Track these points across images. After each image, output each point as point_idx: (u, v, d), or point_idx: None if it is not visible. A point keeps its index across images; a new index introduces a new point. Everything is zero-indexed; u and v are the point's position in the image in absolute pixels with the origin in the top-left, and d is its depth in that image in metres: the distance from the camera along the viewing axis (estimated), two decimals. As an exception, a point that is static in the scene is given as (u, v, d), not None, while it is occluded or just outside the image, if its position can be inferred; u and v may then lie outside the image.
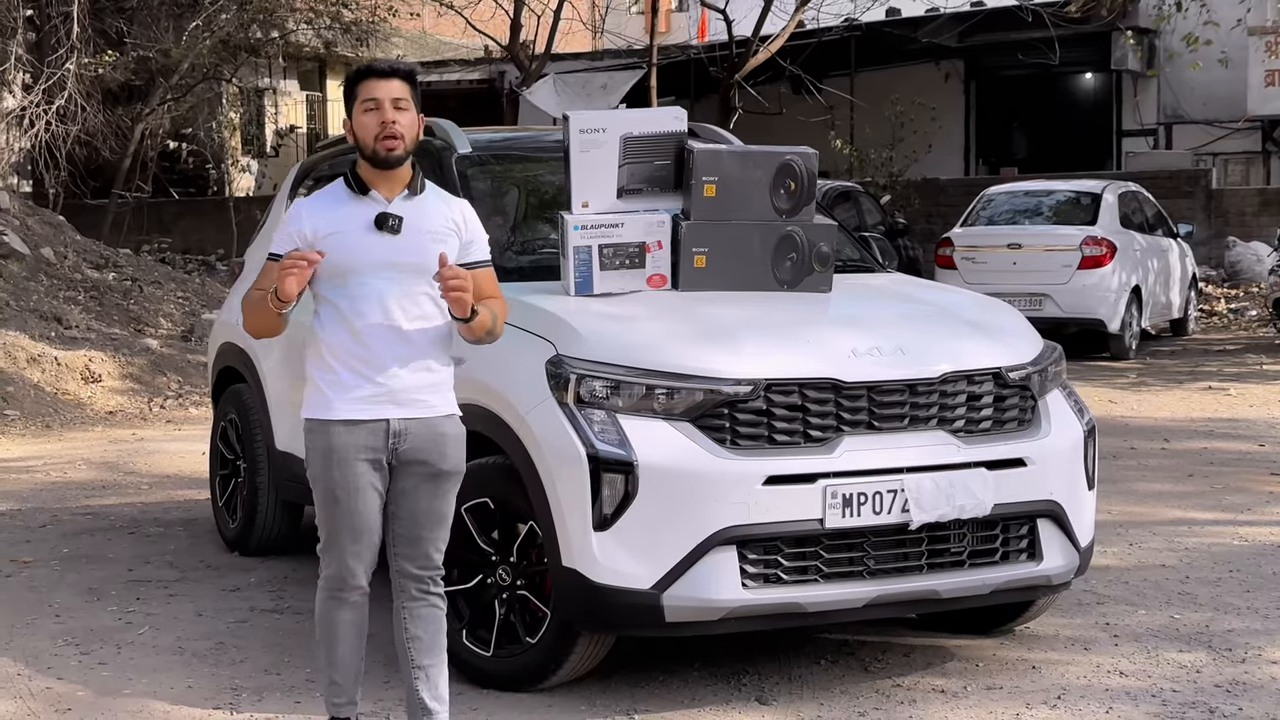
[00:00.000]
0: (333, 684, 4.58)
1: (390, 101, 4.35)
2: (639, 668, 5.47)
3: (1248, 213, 22.38)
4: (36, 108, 19.45)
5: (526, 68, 24.02)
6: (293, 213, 4.47)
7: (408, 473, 4.40)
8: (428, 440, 4.39)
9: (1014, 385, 5.38)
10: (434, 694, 4.52)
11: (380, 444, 4.35)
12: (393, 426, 4.35)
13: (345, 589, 4.47)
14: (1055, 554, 5.36)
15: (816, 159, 5.74)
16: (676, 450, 4.93)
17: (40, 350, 13.15)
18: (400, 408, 4.36)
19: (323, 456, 4.37)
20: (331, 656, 4.54)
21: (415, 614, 4.50)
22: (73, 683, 5.44)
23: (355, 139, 4.41)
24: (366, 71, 4.42)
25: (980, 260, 16.18)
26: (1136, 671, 5.48)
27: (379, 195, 4.39)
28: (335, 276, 4.34)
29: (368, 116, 4.36)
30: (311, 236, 4.34)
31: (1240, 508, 8.33)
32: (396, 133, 4.34)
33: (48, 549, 7.62)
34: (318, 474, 4.40)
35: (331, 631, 4.51)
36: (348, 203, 4.40)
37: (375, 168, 4.39)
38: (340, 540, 4.41)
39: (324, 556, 4.48)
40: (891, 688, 5.33)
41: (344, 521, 4.38)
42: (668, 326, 5.28)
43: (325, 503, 4.41)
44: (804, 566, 5.01)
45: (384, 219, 4.35)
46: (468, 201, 4.65)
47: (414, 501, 4.42)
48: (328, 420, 4.36)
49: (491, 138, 6.81)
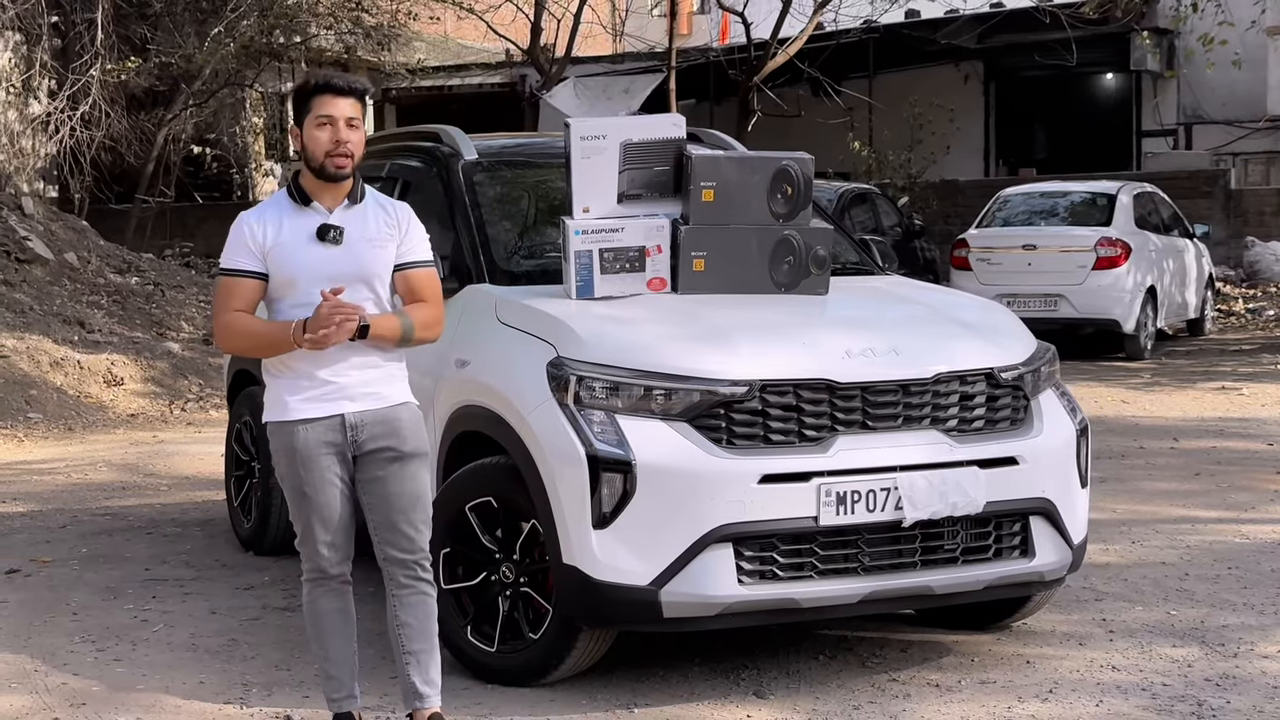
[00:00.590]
0: (330, 678, 4.74)
1: (344, 120, 4.52)
2: (640, 663, 5.59)
3: (1267, 213, 22.39)
4: (61, 113, 19.67)
5: (547, 71, 24.16)
6: (239, 224, 4.59)
7: (372, 461, 4.61)
8: (384, 428, 4.61)
9: (1006, 385, 5.48)
10: (425, 679, 4.68)
11: (339, 438, 4.57)
12: (348, 420, 4.57)
13: (326, 578, 4.68)
14: (1048, 551, 5.45)
15: (812, 164, 5.84)
16: (674, 450, 5.04)
17: (63, 354, 13.34)
18: (354, 402, 4.58)
19: (286, 456, 4.60)
20: (324, 649, 4.72)
21: (404, 601, 4.67)
22: (88, 678, 5.59)
23: (304, 150, 4.56)
24: (324, 87, 4.55)
25: (995, 261, 16.25)
26: (1129, 666, 5.58)
27: (321, 206, 4.58)
28: (282, 286, 4.56)
29: (320, 132, 4.52)
30: (265, 246, 4.53)
31: (1244, 506, 8.40)
32: (348, 151, 4.53)
33: (67, 549, 7.77)
34: (284, 473, 4.64)
35: (320, 622, 4.71)
36: (291, 214, 4.58)
37: (321, 180, 4.56)
38: (314, 532, 4.62)
39: (301, 550, 4.70)
40: (887, 682, 5.43)
41: (314, 514, 4.61)
42: (666, 329, 5.39)
43: (295, 499, 4.63)
44: (799, 563, 5.12)
45: (325, 230, 4.55)
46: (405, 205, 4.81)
47: (384, 486, 4.62)
48: (286, 421, 4.58)
49: (497, 144, 6.93)
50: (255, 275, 4.54)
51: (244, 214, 4.64)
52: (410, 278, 4.67)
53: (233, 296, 4.56)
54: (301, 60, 25.29)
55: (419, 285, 4.68)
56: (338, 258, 4.54)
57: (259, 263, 4.53)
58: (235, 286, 4.55)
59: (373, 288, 4.59)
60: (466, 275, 6.04)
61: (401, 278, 4.68)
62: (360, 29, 23.90)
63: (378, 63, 26.22)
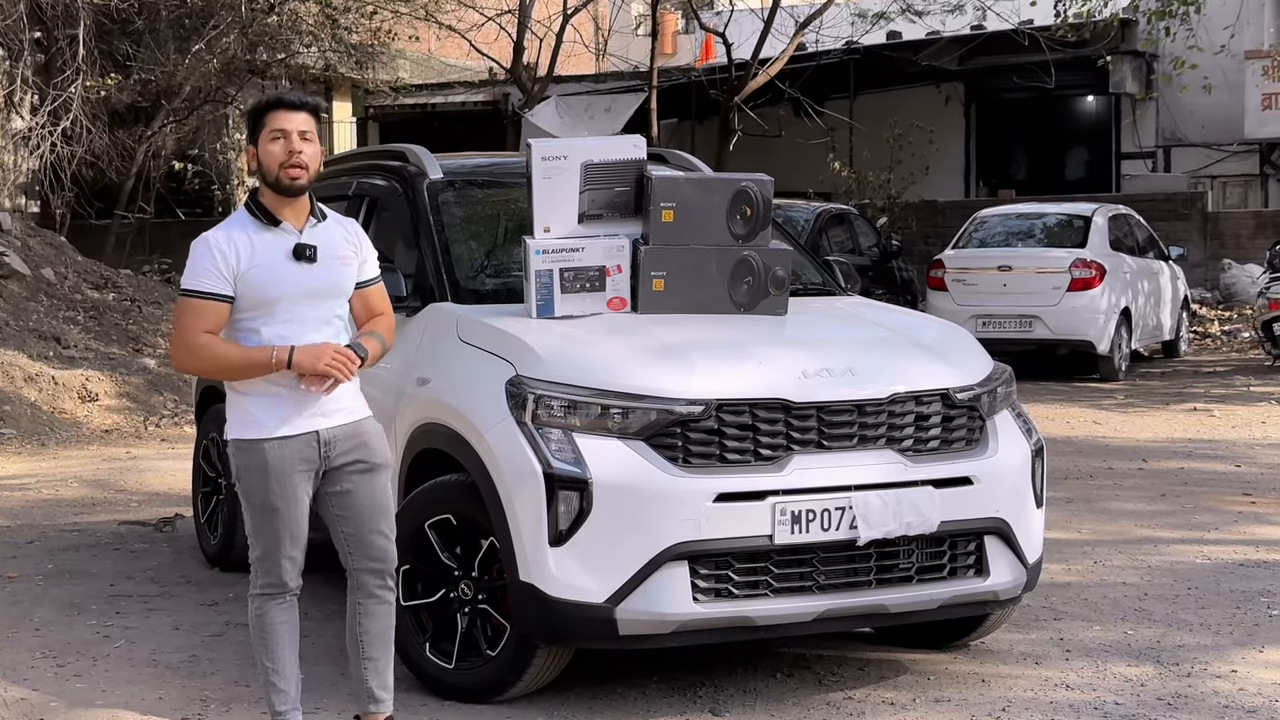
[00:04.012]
0: (277, 690, 4.75)
1: (297, 133, 4.58)
2: (598, 680, 5.62)
3: (1243, 235, 22.51)
4: (43, 129, 19.67)
5: (529, 90, 24.21)
6: (206, 246, 4.57)
7: (343, 474, 4.68)
8: (355, 441, 4.69)
9: (962, 405, 5.52)
10: (381, 684, 4.80)
11: (314, 455, 4.63)
12: (323, 436, 4.64)
13: (285, 592, 4.72)
14: (1003, 570, 5.50)
15: (772, 186, 5.88)
16: (630, 468, 5.08)
17: (38, 369, 13.35)
18: (327, 418, 4.65)
19: (258, 473, 4.62)
20: (275, 660, 4.74)
21: (368, 610, 4.76)
22: (47, 694, 5.60)
23: (260, 166, 4.61)
24: (276, 103, 4.63)
25: (971, 282, 16.33)
26: (1083, 685, 5.62)
27: (289, 225, 4.62)
28: (258, 306, 4.58)
29: (275, 145, 4.58)
30: (237, 269, 4.54)
31: (1208, 527, 8.46)
32: (302, 163, 4.58)
33: (33, 564, 7.78)
34: (253, 489, 4.65)
35: (272, 635, 4.73)
36: (261, 234, 4.61)
37: (278, 194, 4.61)
38: (281, 548, 4.66)
39: (259, 565, 4.72)
40: (843, 699, 5.47)
41: (284, 529, 4.64)
42: (624, 348, 5.43)
43: (262, 514, 4.65)
44: (754, 581, 5.15)
45: (301, 250, 4.61)
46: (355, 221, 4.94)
47: (355, 499, 4.70)
48: (259, 439, 4.61)
49: (462, 163, 6.97)
50: (224, 299, 4.56)
51: (208, 235, 4.62)
52: (369, 295, 4.82)
53: (201, 319, 4.56)
54: (283, 77, 25.32)
55: (376, 301, 4.85)
56: (315, 275, 4.61)
57: (229, 286, 4.54)
58: (203, 309, 4.55)
59: (341, 304, 4.70)
60: (429, 294, 6.08)
61: (361, 295, 4.79)
62: (342, 47, 23.94)
63: (360, 80, 26.28)
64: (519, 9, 23.37)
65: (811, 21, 22.76)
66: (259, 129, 4.60)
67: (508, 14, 23.66)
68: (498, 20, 23.65)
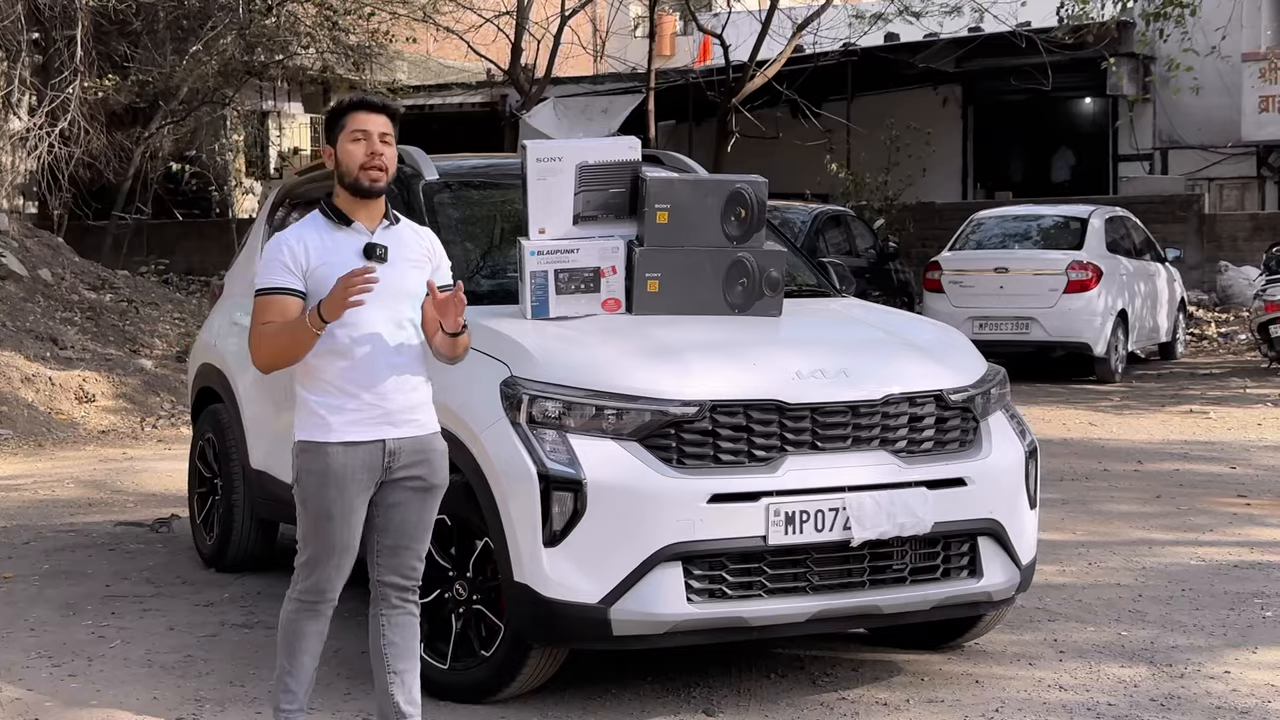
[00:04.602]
0: (288, 691, 4.68)
1: (378, 135, 4.53)
2: (592, 680, 5.63)
3: (1240, 237, 22.53)
4: (41, 130, 19.68)
5: (527, 91, 24.22)
6: (277, 244, 4.53)
7: (399, 487, 4.57)
8: (419, 456, 4.57)
9: (955, 407, 5.54)
10: (408, 698, 4.69)
11: (378, 464, 4.51)
12: (389, 446, 4.51)
13: (323, 601, 4.62)
14: (996, 571, 5.51)
15: (766, 187, 5.90)
16: (624, 469, 5.09)
17: (35, 370, 13.35)
18: (395, 428, 4.53)
19: (319, 478, 4.48)
20: (294, 665, 4.66)
21: (393, 621, 4.66)
22: (41, 693, 5.61)
23: (338, 166, 4.55)
24: (359, 104, 4.58)
25: (968, 284, 16.35)
26: (1076, 686, 5.63)
27: (362, 226, 4.56)
28: None
29: (355, 146, 4.52)
30: (306, 265, 4.47)
31: (1202, 528, 8.47)
32: (382, 164, 4.53)
33: (29, 565, 7.79)
34: (311, 494, 4.51)
35: (299, 641, 4.64)
36: (333, 233, 4.54)
37: (356, 197, 4.54)
38: (331, 556, 4.54)
39: (304, 570, 4.59)
40: (836, 700, 5.48)
41: (337, 539, 4.52)
42: (618, 349, 5.45)
43: (317, 521, 4.52)
44: (748, 582, 5.17)
45: (372, 249, 4.52)
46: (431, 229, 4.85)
47: (403, 514, 4.59)
48: (326, 443, 4.48)
49: (458, 165, 6.98)
50: (295, 293, 4.45)
51: (280, 235, 4.57)
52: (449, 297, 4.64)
53: (270, 313, 4.46)
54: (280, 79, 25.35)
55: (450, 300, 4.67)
56: (384, 275, 4.50)
57: (299, 281, 4.46)
58: (274, 304, 4.47)
59: (413, 307, 4.57)
60: (425, 294, 6.08)
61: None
62: (340, 48, 23.96)
63: (358, 82, 26.28)
64: (517, 10, 23.40)
65: (809, 23, 22.79)
66: (338, 130, 4.55)
67: (505, 15, 23.68)
68: (495, 22, 23.66)
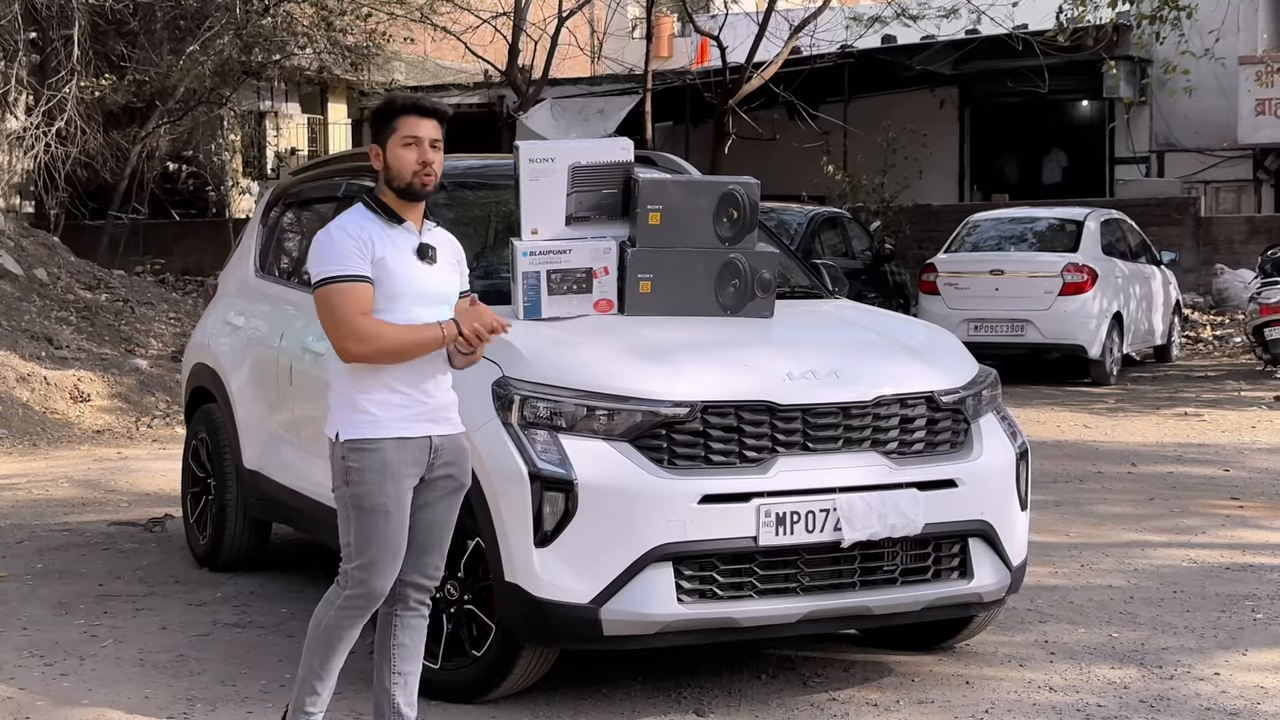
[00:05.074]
0: (314, 694, 4.64)
1: (429, 140, 4.55)
2: (583, 681, 5.64)
3: (1236, 240, 22.54)
4: (37, 129, 19.68)
5: (524, 92, 24.23)
6: (342, 234, 4.48)
7: (434, 487, 4.60)
8: (456, 455, 4.63)
9: (946, 408, 5.55)
10: (409, 700, 4.72)
11: (424, 460, 4.54)
12: (434, 443, 4.56)
13: (373, 604, 4.58)
14: (986, 572, 5.53)
15: (759, 188, 5.91)
16: (615, 470, 5.11)
17: (30, 370, 13.35)
18: (438, 425, 4.58)
19: (375, 474, 4.47)
20: (326, 668, 4.62)
21: (407, 623, 4.69)
22: (33, 693, 5.61)
23: (387, 169, 4.55)
24: (411, 108, 4.58)
25: (963, 286, 16.36)
26: (1066, 687, 5.64)
27: (412, 225, 4.58)
28: (385, 300, 4.48)
29: (407, 151, 4.53)
30: (373, 255, 4.47)
31: (1195, 530, 8.49)
32: (434, 171, 4.56)
33: (22, 564, 7.79)
34: (368, 491, 4.47)
35: (339, 644, 4.60)
36: (389, 230, 4.54)
37: (405, 200, 4.56)
38: (388, 556, 4.52)
39: (358, 574, 4.52)
40: (827, 701, 5.49)
41: (392, 537, 4.51)
42: (610, 350, 5.46)
43: (374, 519, 4.48)
44: (739, 583, 5.18)
45: (424, 250, 4.57)
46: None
47: (434, 514, 4.63)
48: (380, 439, 4.48)
49: (452, 165, 6.95)
50: (370, 281, 4.45)
51: (341, 225, 4.52)
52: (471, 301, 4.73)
53: (356, 301, 4.41)
54: (278, 79, 25.35)
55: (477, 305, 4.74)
56: (434, 277, 4.56)
57: (370, 269, 4.45)
58: (355, 291, 4.42)
59: (449, 310, 4.59)
60: (417, 295, 6.08)
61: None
62: (337, 48, 23.97)
63: (355, 82, 26.31)
64: (514, 11, 23.41)
65: (806, 25, 22.80)
66: (388, 131, 4.55)
67: (503, 16, 23.69)
68: (493, 23, 23.68)
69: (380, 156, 4.57)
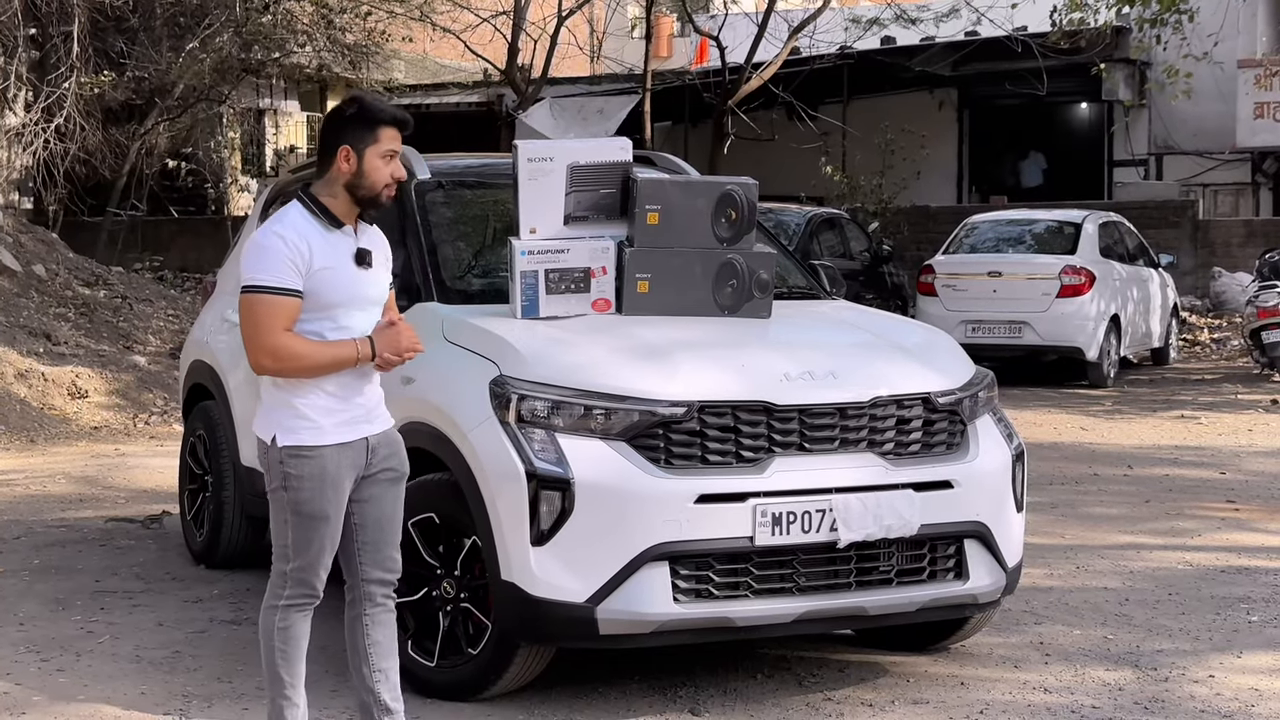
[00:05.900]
0: (291, 704, 4.60)
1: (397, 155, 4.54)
2: (579, 680, 5.65)
3: (1234, 243, 22.55)
4: (36, 125, 19.67)
5: (523, 91, 24.23)
6: (279, 239, 4.40)
7: (374, 482, 4.60)
8: (392, 448, 4.64)
9: (943, 410, 5.56)
10: (393, 694, 4.71)
11: (362, 461, 4.55)
12: (370, 443, 4.56)
13: (313, 600, 4.61)
14: (982, 573, 5.54)
15: (757, 189, 5.92)
16: (612, 469, 5.12)
17: (28, 366, 13.36)
18: (372, 425, 4.59)
19: (315, 481, 4.46)
20: (293, 674, 4.60)
21: (377, 620, 4.67)
22: (29, 688, 5.62)
23: (357, 175, 4.46)
24: (395, 121, 4.52)
25: (961, 288, 16.37)
26: (1061, 689, 5.65)
27: (350, 229, 4.53)
28: (323, 309, 4.45)
29: (384, 164, 4.48)
30: (310, 266, 4.41)
31: (1191, 533, 8.50)
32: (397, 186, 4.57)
33: (19, 560, 7.80)
34: (307, 498, 4.46)
35: (295, 647, 4.60)
36: (328, 235, 4.47)
37: (360, 207, 4.51)
38: (323, 556, 4.54)
39: (294, 576, 4.54)
40: (822, 700, 5.50)
41: (329, 539, 4.52)
42: (607, 349, 5.46)
43: (311, 523, 4.49)
44: (735, 582, 5.19)
45: (363, 255, 4.52)
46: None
47: (380, 509, 4.62)
48: (320, 446, 4.46)
49: (451, 164, 6.99)
50: (299, 294, 4.40)
51: (275, 229, 4.43)
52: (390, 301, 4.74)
53: (278, 316, 4.37)
54: (277, 77, 25.34)
55: (392, 305, 4.75)
56: (369, 281, 4.54)
57: (301, 282, 4.40)
58: (280, 305, 4.37)
59: (380, 311, 4.60)
60: (416, 293, 6.08)
61: None
62: (336, 47, 23.96)
63: (354, 80, 26.28)
64: (514, 11, 23.40)
65: (805, 26, 22.79)
66: (369, 139, 4.46)
67: (503, 15, 23.68)
68: (493, 22, 23.67)
69: (352, 160, 4.46)
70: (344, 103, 4.61)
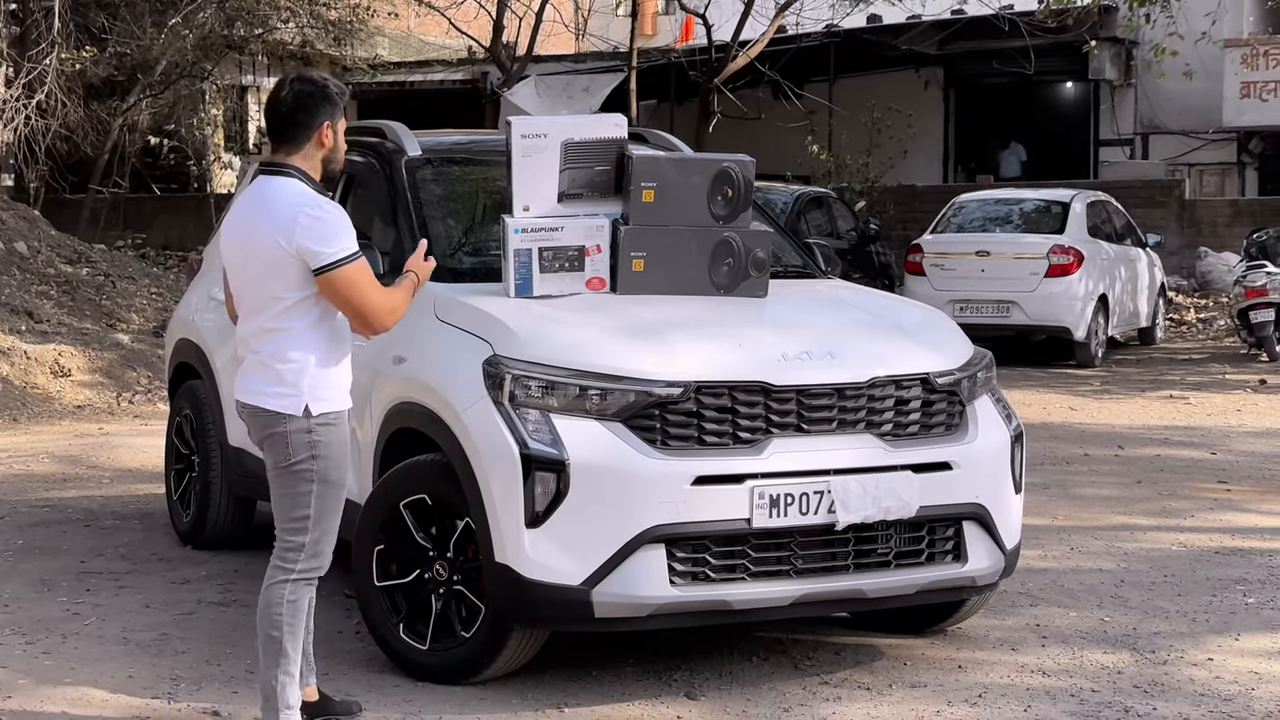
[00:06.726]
0: (293, 680, 4.63)
1: None
2: (572, 662, 5.58)
3: (1220, 223, 22.53)
4: (17, 101, 19.50)
5: (508, 69, 24.09)
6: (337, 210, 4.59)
7: None
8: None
9: (941, 390, 5.50)
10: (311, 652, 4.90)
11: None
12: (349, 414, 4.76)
13: (320, 573, 4.67)
14: (980, 556, 5.48)
15: (753, 167, 5.85)
16: (607, 450, 5.05)
17: (10, 344, 13.23)
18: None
19: (340, 447, 4.60)
20: (296, 646, 4.63)
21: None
22: (15, 671, 5.54)
23: (332, 151, 4.67)
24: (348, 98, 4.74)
25: (949, 267, 16.33)
26: (1059, 671, 5.61)
27: None
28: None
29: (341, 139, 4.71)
30: None
31: (1184, 513, 8.46)
32: None
33: (2, 540, 7.71)
34: (333, 465, 4.57)
35: (300, 620, 4.63)
36: None
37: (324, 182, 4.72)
38: (337, 524, 4.65)
39: (312, 549, 4.59)
40: (819, 684, 5.45)
41: (342, 505, 4.65)
42: (603, 329, 5.39)
43: (335, 490, 4.61)
44: (731, 565, 5.13)
45: None
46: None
47: None
48: (344, 410, 4.63)
49: (441, 141, 6.90)
50: None
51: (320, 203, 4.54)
52: None
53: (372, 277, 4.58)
54: (260, 53, 25.17)
55: None
56: None
57: None
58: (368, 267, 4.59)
59: None
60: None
61: None
62: (320, 23, 23.80)
63: (338, 57, 26.11)
64: (499, -13, 23.26)
65: (791, 4, 22.69)
66: (338, 116, 4.67)
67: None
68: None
69: (329, 136, 4.64)
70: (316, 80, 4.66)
